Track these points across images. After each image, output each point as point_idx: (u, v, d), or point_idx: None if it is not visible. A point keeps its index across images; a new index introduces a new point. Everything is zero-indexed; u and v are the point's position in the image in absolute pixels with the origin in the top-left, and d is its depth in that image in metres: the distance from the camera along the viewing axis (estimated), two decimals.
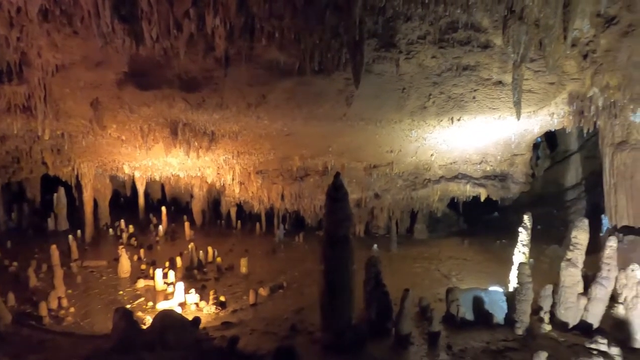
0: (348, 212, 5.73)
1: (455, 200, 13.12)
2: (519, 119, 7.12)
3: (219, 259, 10.87)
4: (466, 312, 6.59)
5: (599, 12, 6.63)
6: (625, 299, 6.41)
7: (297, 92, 7.14)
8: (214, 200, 15.65)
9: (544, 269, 9.60)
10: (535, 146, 14.53)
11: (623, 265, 9.57)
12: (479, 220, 14.22)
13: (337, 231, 5.69)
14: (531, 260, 9.82)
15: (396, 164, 10.54)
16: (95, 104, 8.05)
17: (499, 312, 6.73)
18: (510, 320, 6.52)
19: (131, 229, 13.81)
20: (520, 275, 6.44)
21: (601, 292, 6.48)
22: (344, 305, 5.74)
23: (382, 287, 6.38)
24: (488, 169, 10.91)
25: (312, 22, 6.07)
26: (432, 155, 10.43)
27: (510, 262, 8.19)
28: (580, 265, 6.71)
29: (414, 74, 7.54)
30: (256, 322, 7.09)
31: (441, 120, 8.26)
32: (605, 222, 10.52)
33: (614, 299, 6.60)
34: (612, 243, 6.53)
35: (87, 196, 13.12)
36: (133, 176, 13.61)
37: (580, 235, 6.69)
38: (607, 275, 6.51)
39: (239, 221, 14.84)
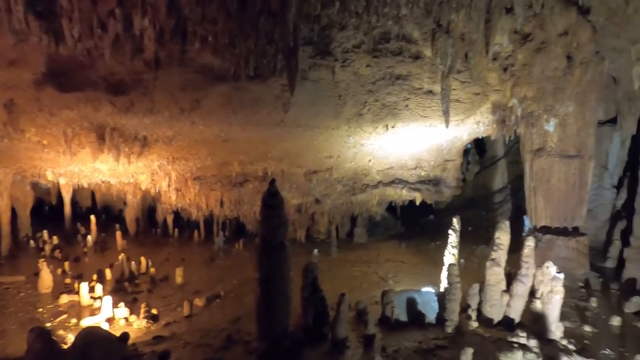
0: (284, 219, 5.71)
1: (393, 205, 13.56)
2: (447, 127, 7.50)
3: (152, 270, 10.37)
4: (400, 314, 6.80)
5: (516, 29, 7.19)
6: (541, 294, 6.94)
7: (232, 97, 7.03)
8: (149, 208, 14.96)
9: (474, 268, 10.16)
10: (466, 152, 15.42)
11: (542, 263, 10.43)
12: (416, 223, 14.79)
13: (273, 238, 5.64)
14: (462, 260, 10.39)
15: (335, 170, 10.69)
16: (10, 105, 7.40)
17: (431, 312, 7.01)
18: (441, 320, 6.81)
19: (55, 240, 12.80)
20: (449, 276, 6.76)
21: (521, 288, 6.97)
22: (280, 312, 5.69)
23: (319, 292, 6.40)
24: (422, 174, 11.38)
25: (246, 27, 6.01)
26: (369, 160, 10.70)
27: (442, 263, 8.59)
28: (503, 264, 7.17)
29: (350, 81, 7.71)
30: (190, 334, 6.83)
31: (376, 127, 8.50)
32: (527, 223, 11.38)
33: (533, 294, 7.14)
34: (530, 243, 7.04)
35: (3, 205, 12.00)
36: (58, 183, 12.65)
37: (502, 236, 7.15)
38: (526, 272, 7.01)
39: (176, 229, 14.28)
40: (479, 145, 15.88)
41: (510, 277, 7.46)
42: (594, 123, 9.75)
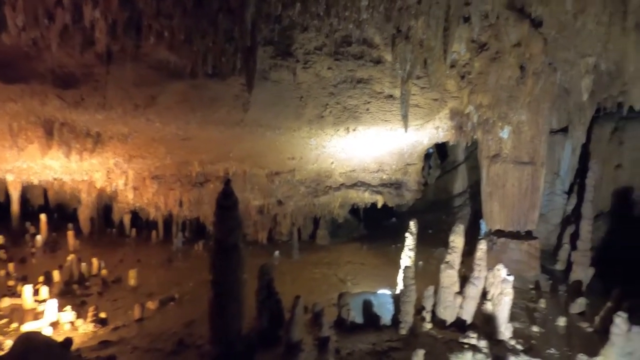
0: (238, 220, 5.61)
1: (356, 207, 13.66)
2: (406, 131, 7.62)
3: (104, 271, 9.97)
4: (356, 316, 6.82)
5: (473, 39, 7.39)
6: (492, 296, 7.16)
7: (190, 95, 6.86)
8: (105, 207, 14.39)
9: (432, 270, 10.34)
10: (428, 156, 15.77)
11: (496, 265, 10.79)
12: (379, 225, 14.94)
13: (227, 240, 5.53)
14: (420, 262, 10.58)
15: (298, 171, 10.64)
16: None
17: (387, 313, 7.08)
18: (396, 321, 6.89)
19: (0, 239, 12.10)
20: (404, 279, 6.85)
21: (473, 290, 7.15)
22: (233, 316, 5.58)
23: (274, 295, 6.34)
24: (384, 177, 11.52)
25: (203, 24, 5.87)
26: (332, 163, 10.72)
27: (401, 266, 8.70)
28: (457, 266, 7.34)
29: (311, 83, 7.69)
30: (140, 338, 6.60)
31: (338, 130, 8.53)
32: (483, 227, 11.72)
33: (485, 296, 7.35)
34: (482, 246, 7.25)
35: None
36: (5, 180, 11.96)
37: (457, 239, 7.32)
38: (478, 275, 7.21)
39: (133, 229, 13.81)
40: (441, 150, 16.25)
41: (466, 279, 7.66)
42: (546, 131, 10.17)
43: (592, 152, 13.27)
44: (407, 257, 7.61)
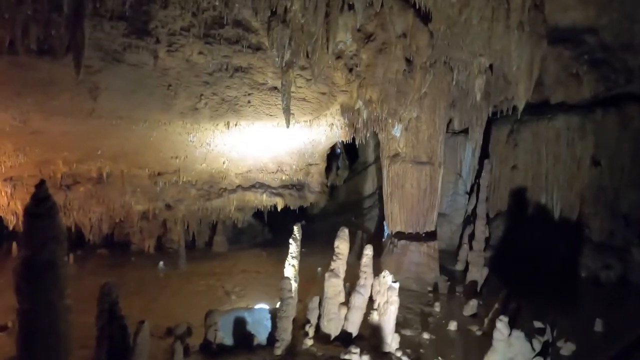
0: (56, 232, 4.46)
1: (260, 210, 12.78)
2: (288, 127, 6.90)
3: None
4: (225, 337, 5.94)
5: (359, 28, 6.86)
6: (379, 305, 6.65)
7: (12, 76, 5.54)
8: None
9: None
10: (337, 157, 15.35)
11: (398, 269, 10.48)
12: (286, 229, 14.16)
13: (39, 256, 4.36)
14: (319, 269, 9.97)
15: (184, 172, 9.54)
16: None
17: (263, 331, 6.28)
18: (272, 340, 6.12)
19: None
20: (282, 291, 6.10)
21: (359, 300, 6.60)
22: (48, 354, 4.42)
23: (118, 320, 5.25)
24: (284, 178, 10.79)
25: None
26: (224, 163, 9.75)
27: (304, 272, 8.02)
28: (342, 274, 6.75)
29: (181, 70, 6.70)
30: None
31: (217, 124, 7.61)
32: (386, 229, 11.43)
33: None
34: (368, 252, 6.72)
35: None
36: None
37: (341, 245, 6.73)
38: (364, 283, 6.67)
39: None
40: (352, 151, 15.91)
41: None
42: (443, 131, 10.07)
43: (490, 154, 13.67)
44: (289, 267, 6.88)
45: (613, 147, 11.89)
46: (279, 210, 11.53)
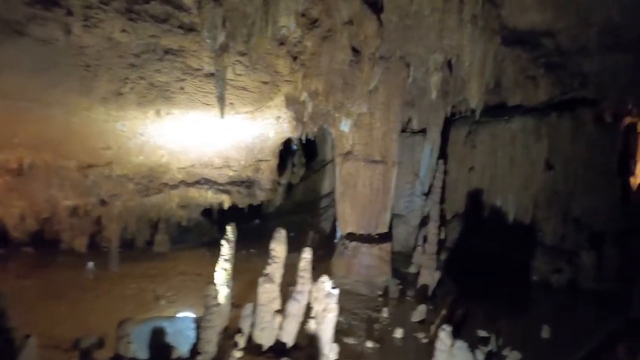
0: None
1: (209, 207, 12.06)
2: (222, 117, 6.28)
3: None
4: (139, 350, 5.28)
5: (303, 12, 6.33)
6: (316, 313, 6.16)
7: None
8: None
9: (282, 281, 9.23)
10: (293, 154, 14.80)
11: (349, 272, 10.06)
12: (238, 228, 13.48)
13: None
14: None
15: (118, 165, 8.72)
16: None
17: (186, 342, 5.65)
18: (194, 352, 5.51)
19: None
20: (206, 298, 5.49)
21: (295, 307, 6.08)
22: None
23: (5, 333, 4.51)
24: (231, 174, 10.12)
25: None
26: (163, 156, 9.01)
27: (249, 274, 7.46)
28: (278, 279, 6.21)
29: (102, 49, 5.97)
30: None
31: (146, 112, 6.90)
32: (338, 230, 10.97)
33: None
34: (306, 255, 6.21)
35: None
36: None
37: (278, 247, 6.19)
38: (301, 289, 6.15)
39: None
40: (310, 147, 15.38)
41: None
42: (398, 129, 9.69)
43: (448, 155, 13.49)
44: (221, 271, 6.27)
45: (567, 151, 11.93)
46: (225, 208, 10.83)
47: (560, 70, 11.45)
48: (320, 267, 10.70)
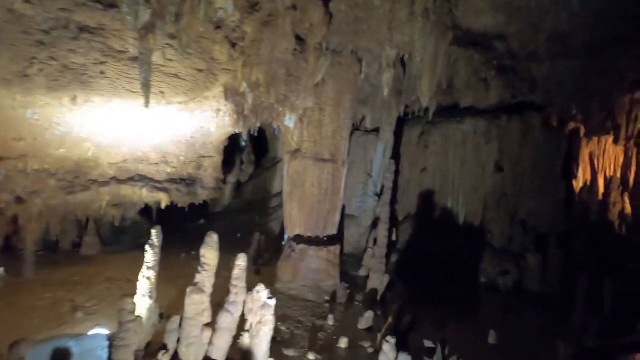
0: None
1: (149, 206, 11.14)
2: (146, 106, 5.55)
3: None
4: None
5: None
6: (251, 326, 5.60)
7: None
8: None
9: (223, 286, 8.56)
10: (242, 150, 14.11)
11: (296, 276, 9.55)
12: (181, 228, 12.64)
13: None
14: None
15: (34, 158, 7.71)
16: None
17: None
18: None
19: None
20: (121, 313, 4.79)
21: (227, 320, 5.47)
22: None
23: None
24: (170, 170, 9.31)
25: None
26: (89, 150, 8.08)
27: (187, 280, 6.72)
28: (209, 289, 5.58)
29: (2, 22, 5.08)
30: None
31: (61, 99, 6.02)
32: (286, 232, 10.43)
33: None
34: (240, 262, 5.61)
35: None
36: None
37: (209, 254, 5.55)
38: (234, 299, 5.56)
39: None
40: (261, 144, 14.75)
41: None
42: (348, 126, 9.29)
43: (402, 155, 13.30)
44: (144, 280, 5.56)
45: (515, 153, 12.04)
46: (162, 207, 9.99)
47: (511, 74, 11.52)
48: (266, 272, 10.19)
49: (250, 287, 8.94)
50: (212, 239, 5.54)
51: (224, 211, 14.57)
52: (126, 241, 11.10)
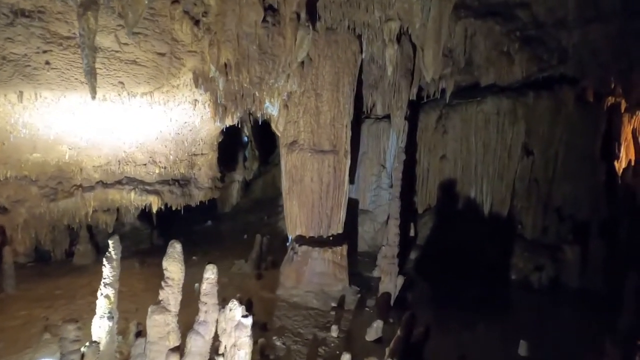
0: None
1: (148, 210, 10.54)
2: (93, 98, 4.77)
3: None
4: None
5: None
6: (225, 349, 4.76)
7: None
8: None
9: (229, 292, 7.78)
10: (244, 146, 13.34)
11: (299, 281, 8.68)
12: (185, 231, 12.01)
13: None
14: (197, 285, 7.96)
15: (5, 165, 7.16)
16: None
17: None
18: None
19: None
20: (62, 342, 4.05)
21: (197, 343, 4.64)
22: None
23: None
24: (159, 171, 8.62)
25: None
26: (66, 153, 7.48)
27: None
28: (175, 308, 4.77)
29: None
30: None
31: (5, 95, 5.34)
32: (289, 232, 9.56)
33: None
34: (209, 275, 4.74)
35: None
36: None
37: (172, 267, 4.72)
38: (204, 319, 4.73)
39: None
40: (269, 139, 13.90)
41: None
42: (350, 112, 8.29)
43: (419, 142, 12.19)
44: (102, 299, 4.82)
45: (546, 134, 10.75)
46: (154, 211, 9.33)
47: (537, 45, 10.27)
48: (269, 276, 9.37)
49: (250, 294, 8.23)
50: (175, 249, 4.70)
51: (232, 211, 13.89)
52: (125, 248, 10.49)
